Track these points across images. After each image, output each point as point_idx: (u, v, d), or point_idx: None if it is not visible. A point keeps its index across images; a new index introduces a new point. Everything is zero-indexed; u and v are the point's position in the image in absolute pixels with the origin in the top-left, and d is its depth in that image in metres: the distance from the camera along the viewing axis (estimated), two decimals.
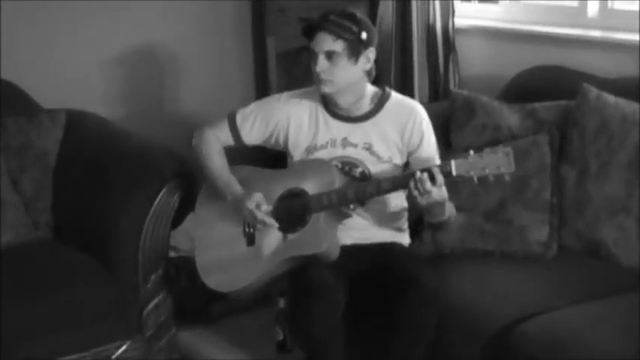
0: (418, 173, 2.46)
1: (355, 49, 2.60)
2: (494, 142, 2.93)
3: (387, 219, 2.77)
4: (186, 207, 2.97)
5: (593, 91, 2.85)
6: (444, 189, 2.48)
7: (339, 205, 2.63)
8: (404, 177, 2.56)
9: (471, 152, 2.45)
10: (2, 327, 2.57)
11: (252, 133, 2.78)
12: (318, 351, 2.50)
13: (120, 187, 2.93)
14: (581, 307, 2.41)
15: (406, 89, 3.56)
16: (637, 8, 3.16)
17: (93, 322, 2.79)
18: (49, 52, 3.62)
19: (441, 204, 2.55)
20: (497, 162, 2.42)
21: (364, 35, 2.60)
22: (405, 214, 2.81)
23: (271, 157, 2.92)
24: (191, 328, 3.39)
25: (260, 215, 2.61)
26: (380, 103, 2.72)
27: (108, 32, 3.76)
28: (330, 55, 2.59)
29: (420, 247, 2.84)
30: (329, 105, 2.72)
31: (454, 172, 2.45)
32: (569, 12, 3.44)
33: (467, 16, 3.78)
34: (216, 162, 2.77)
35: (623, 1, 3.29)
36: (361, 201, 2.67)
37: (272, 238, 2.65)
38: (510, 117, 3.00)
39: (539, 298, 2.51)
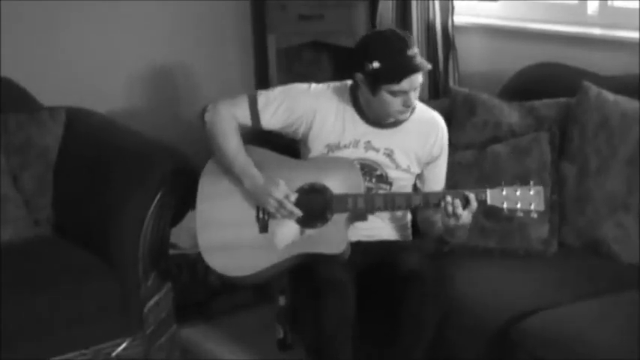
0: (449, 197, 2.50)
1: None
2: (494, 140, 2.95)
3: (395, 221, 2.79)
4: (186, 204, 2.97)
5: (593, 89, 2.85)
6: (471, 215, 2.53)
7: (364, 211, 2.62)
8: (436, 195, 2.57)
9: (503, 183, 2.51)
10: (2, 324, 2.57)
11: (273, 119, 2.70)
12: (328, 347, 2.47)
13: (120, 184, 2.93)
14: (582, 304, 2.41)
15: None
16: (637, 5, 3.16)
17: (93, 319, 2.78)
18: (50, 49, 3.63)
19: (464, 227, 2.58)
20: (529, 199, 2.49)
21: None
22: (409, 214, 2.82)
23: (281, 143, 2.83)
24: (192, 325, 3.39)
25: (290, 206, 2.58)
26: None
27: (107, 30, 3.76)
28: (416, 87, 2.59)
29: (421, 245, 2.84)
30: (360, 107, 2.69)
31: (489, 202, 2.51)
32: (569, 9, 3.45)
33: (466, 13, 3.78)
34: (233, 142, 2.68)
35: None
36: (387, 210, 2.68)
37: (288, 229, 2.61)
38: (511, 114, 3.00)
39: (540, 295, 2.52)
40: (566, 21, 3.41)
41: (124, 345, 2.85)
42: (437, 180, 2.77)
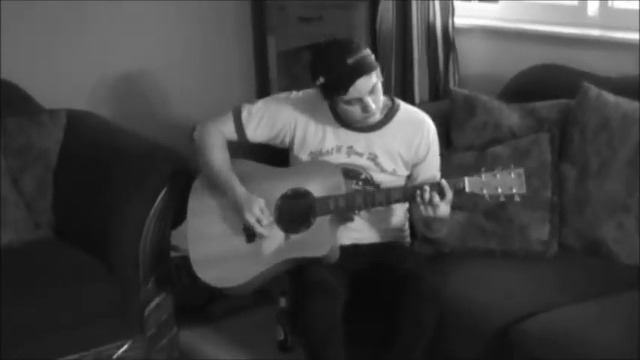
0: (427, 187, 2.48)
1: (378, 69, 2.60)
2: (495, 141, 2.95)
3: (388, 222, 2.78)
4: (186, 206, 2.97)
5: (593, 90, 2.85)
6: (448, 206, 2.51)
7: (346, 211, 2.62)
8: (414, 188, 2.55)
9: (483, 170, 2.48)
10: (3, 326, 2.57)
11: (258, 132, 2.74)
12: (318, 349, 2.49)
13: (120, 186, 2.93)
14: (582, 305, 2.41)
15: (406, 88, 3.57)
16: (637, 7, 3.16)
17: (94, 322, 2.78)
18: (50, 52, 3.63)
19: (441, 220, 2.57)
20: (510, 182, 2.46)
21: (371, 54, 2.59)
22: (406, 216, 2.82)
23: (272, 153, 2.87)
24: (192, 327, 3.39)
25: (259, 230, 2.61)
26: (389, 114, 2.70)
27: (107, 32, 3.76)
28: (371, 91, 2.57)
29: (420, 247, 2.85)
30: (338, 113, 2.69)
31: (467, 189, 2.48)
32: (569, 11, 3.44)
33: (467, 15, 3.77)
34: (218, 156, 2.73)
35: (623, 0, 3.29)
36: (368, 208, 2.67)
37: (274, 237, 2.64)
38: (511, 116, 3.00)
39: (540, 296, 2.52)
40: (566, 22, 3.41)
41: (124, 347, 2.85)
42: (425, 180, 2.71)
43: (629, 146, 2.71)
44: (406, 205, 2.77)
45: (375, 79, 2.56)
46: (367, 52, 2.57)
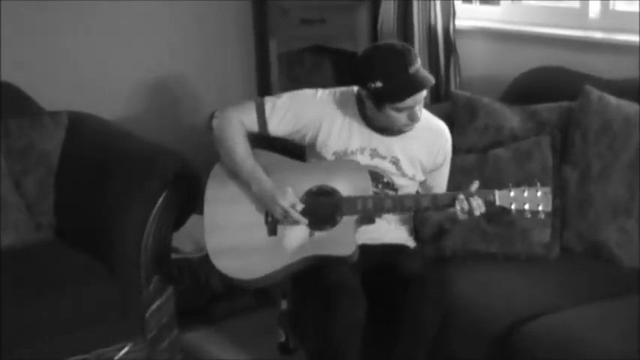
0: (462, 196, 2.50)
1: None
2: (496, 144, 2.95)
3: (404, 222, 2.80)
4: (188, 208, 2.97)
5: (595, 93, 2.85)
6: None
7: (373, 213, 2.62)
8: (445, 197, 2.58)
9: (511, 185, 2.51)
10: (4, 328, 2.57)
11: (281, 126, 2.70)
12: (337, 351, 2.46)
13: (122, 188, 2.93)
14: (584, 309, 2.42)
15: None
16: (638, 9, 3.16)
17: (95, 324, 2.78)
18: (52, 54, 3.63)
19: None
20: (537, 200, 2.50)
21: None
22: (412, 217, 2.83)
23: (286, 146, 2.84)
24: (193, 329, 3.39)
25: (296, 215, 2.57)
26: None
27: (109, 34, 3.76)
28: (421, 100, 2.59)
29: (424, 250, 2.85)
30: (366, 114, 2.69)
31: (497, 202, 2.51)
32: (570, 13, 3.45)
33: (468, 17, 3.78)
34: (241, 147, 2.67)
35: (624, 3, 3.30)
36: (396, 212, 2.68)
37: (297, 232, 2.61)
38: (512, 118, 3.00)
39: (542, 299, 2.52)
40: (567, 25, 3.41)
41: (125, 349, 2.85)
42: (439, 187, 2.78)
43: (631, 149, 2.71)
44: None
45: (426, 91, 2.58)
46: (421, 63, 2.58)
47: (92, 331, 2.78)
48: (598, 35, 3.27)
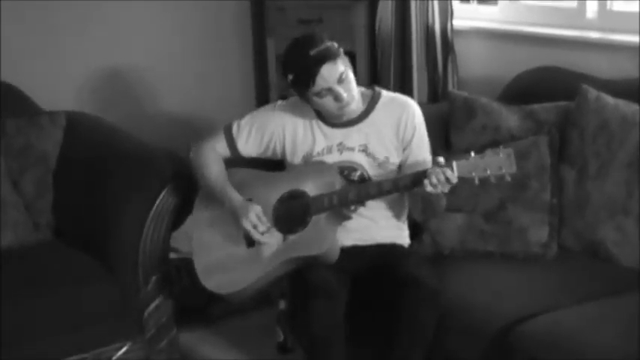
0: (423, 173, 2.46)
1: (345, 58, 2.62)
2: (494, 143, 2.94)
3: (388, 216, 2.78)
4: (186, 208, 2.97)
5: (592, 92, 2.86)
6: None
7: (340, 207, 2.63)
8: (405, 178, 2.57)
9: (472, 153, 2.44)
10: (2, 328, 2.57)
11: (249, 144, 2.78)
12: (320, 350, 2.50)
13: (120, 188, 2.94)
14: (581, 308, 2.42)
15: (405, 90, 3.56)
16: (636, 9, 3.17)
17: (93, 324, 2.79)
18: (50, 53, 3.63)
19: (442, 198, 2.59)
20: (498, 163, 2.41)
21: (335, 44, 2.62)
22: (406, 214, 2.82)
23: (268, 161, 2.90)
24: (192, 329, 3.39)
25: (256, 236, 2.63)
26: (372, 102, 2.72)
27: (108, 33, 3.77)
28: (340, 80, 2.58)
29: (419, 248, 2.85)
30: (322, 114, 2.71)
31: (456, 174, 2.44)
32: (568, 13, 3.45)
33: (466, 17, 3.78)
34: (213, 169, 2.77)
35: (622, 3, 3.30)
36: (362, 202, 2.68)
37: (272, 239, 2.65)
38: (510, 118, 3.00)
39: (540, 298, 2.52)
40: (565, 25, 3.41)
41: (124, 349, 2.85)
42: (417, 165, 2.68)
43: (628, 148, 2.72)
44: (406, 205, 2.77)
45: (341, 67, 2.58)
46: (331, 43, 2.60)
47: (90, 331, 2.78)
48: (595, 35, 3.27)
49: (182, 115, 3.98)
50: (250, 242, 2.68)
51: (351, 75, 2.61)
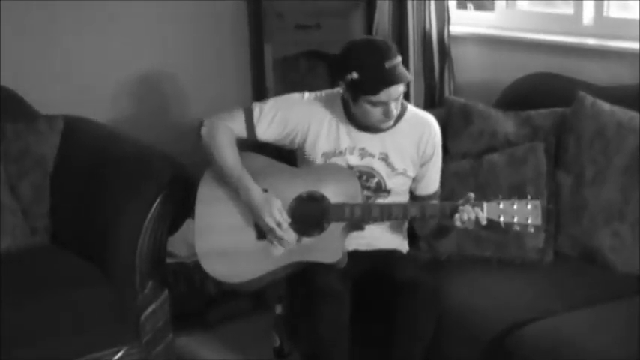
0: (469, 206, 2.49)
1: None
2: (490, 150, 2.96)
3: (394, 228, 2.80)
4: (183, 213, 2.97)
5: (588, 99, 2.87)
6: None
7: (361, 221, 2.62)
8: (432, 208, 2.60)
9: (500, 197, 2.50)
10: (0, 332, 2.57)
11: (269, 131, 2.71)
12: (324, 354, 2.49)
13: (117, 192, 2.93)
14: (578, 313, 2.43)
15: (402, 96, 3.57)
16: (632, 16, 3.18)
17: (90, 328, 2.79)
18: (48, 58, 3.63)
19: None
20: (526, 213, 2.47)
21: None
22: (406, 225, 2.83)
23: (279, 150, 2.85)
24: (188, 333, 3.39)
25: (280, 233, 2.59)
26: (398, 115, 2.70)
27: (105, 39, 3.77)
28: (397, 98, 2.59)
29: (417, 254, 2.86)
30: (351, 114, 2.70)
31: (486, 215, 2.49)
32: (564, 20, 3.46)
33: (462, 23, 3.79)
34: (229, 155, 2.69)
35: (618, 9, 3.31)
36: (384, 221, 2.69)
37: (290, 237, 2.62)
38: (506, 124, 3.01)
39: (536, 303, 2.53)
40: (561, 31, 3.42)
41: (120, 353, 2.84)
42: (429, 182, 2.77)
43: (624, 154, 2.73)
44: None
45: (402, 87, 2.59)
46: (400, 59, 2.59)
47: (87, 335, 2.78)
48: (592, 42, 3.28)
49: (179, 120, 3.98)
50: (260, 234, 2.64)
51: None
